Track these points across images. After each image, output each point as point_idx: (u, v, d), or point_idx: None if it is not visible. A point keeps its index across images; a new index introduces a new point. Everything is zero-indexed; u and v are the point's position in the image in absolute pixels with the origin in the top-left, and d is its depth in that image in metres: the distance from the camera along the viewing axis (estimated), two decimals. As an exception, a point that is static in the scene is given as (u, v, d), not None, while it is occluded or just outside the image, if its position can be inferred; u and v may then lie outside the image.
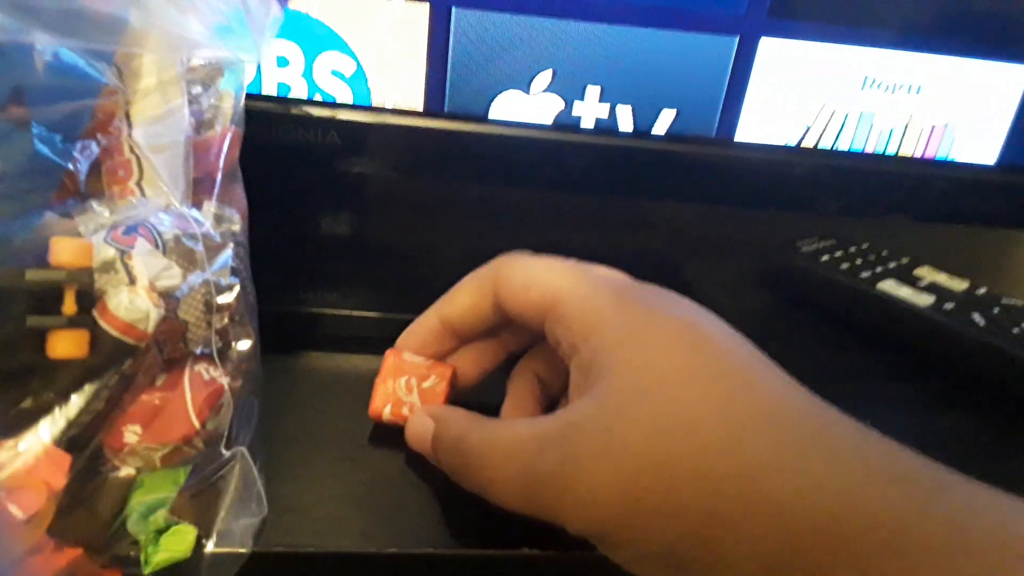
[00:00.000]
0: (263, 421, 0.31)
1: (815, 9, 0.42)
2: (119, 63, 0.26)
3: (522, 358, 0.34)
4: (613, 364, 0.26)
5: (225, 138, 0.30)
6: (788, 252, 0.49)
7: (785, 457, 0.23)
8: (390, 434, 0.33)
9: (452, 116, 0.44)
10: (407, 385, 0.33)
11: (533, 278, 0.30)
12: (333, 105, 0.43)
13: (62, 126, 0.24)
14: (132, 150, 0.27)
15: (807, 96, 0.45)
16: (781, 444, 0.23)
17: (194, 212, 0.28)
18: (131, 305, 0.24)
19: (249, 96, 0.42)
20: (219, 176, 0.30)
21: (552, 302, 0.29)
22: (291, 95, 0.43)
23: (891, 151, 0.47)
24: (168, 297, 0.26)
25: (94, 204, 0.25)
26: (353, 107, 0.44)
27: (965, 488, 0.23)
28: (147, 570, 0.26)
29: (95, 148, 0.26)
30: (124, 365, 0.25)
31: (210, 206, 0.29)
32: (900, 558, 0.21)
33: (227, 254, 0.28)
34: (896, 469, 0.23)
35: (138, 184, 0.27)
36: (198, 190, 0.29)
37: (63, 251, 0.23)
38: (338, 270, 0.44)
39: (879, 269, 0.48)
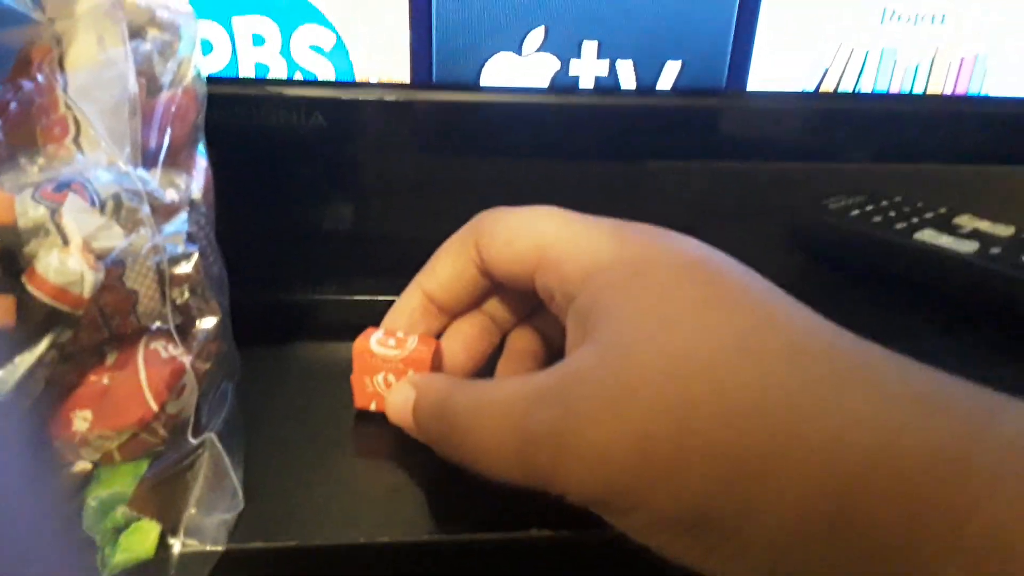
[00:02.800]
0: (243, 411, 0.28)
1: (823, -61, 0.39)
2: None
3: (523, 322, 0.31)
4: (615, 305, 0.22)
5: (177, 99, 0.28)
6: (815, 211, 0.46)
7: (819, 392, 0.20)
8: (377, 420, 0.30)
9: (442, 86, 0.41)
10: (385, 381, 0.29)
11: (516, 229, 0.27)
12: (315, 83, 0.41)
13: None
14: (67, 105, 0.24)
15: (822, 35, 0.41)
16: (813, 378, 0.20)
17: (139, 171, 0.25)
18: (62, 267, 0.21)
19: (225, 80, 0.41)
20: (167, 139, 0.27)
21: (541, 249, 0.26)
22: (270, 75, 0.41)
23: (918, 90, 0.43)
24: (112, 263, 0.23)
25: (21, 159, 0.23)
26: (336, 84, 0.41)
27: (1020, 409, 0.19)
28: (105, 573, 0.23)
29: (22, 96, 0.23)
30: (61, 337, 0.22)
31: (157, 170, 0.26)
32: (961, 491, 0.18)
33: (181, 218, 0.26)
34: (944, 397, 0.20)
35: (75, 141, 0.24)
36: (146, 155, 0.27)
37: (-22, 206, 0.20)
38: (329, 255, 0.41)
39: (915, 220, 0.44)
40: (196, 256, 0.26)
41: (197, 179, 0.28)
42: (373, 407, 0.30)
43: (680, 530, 0.20)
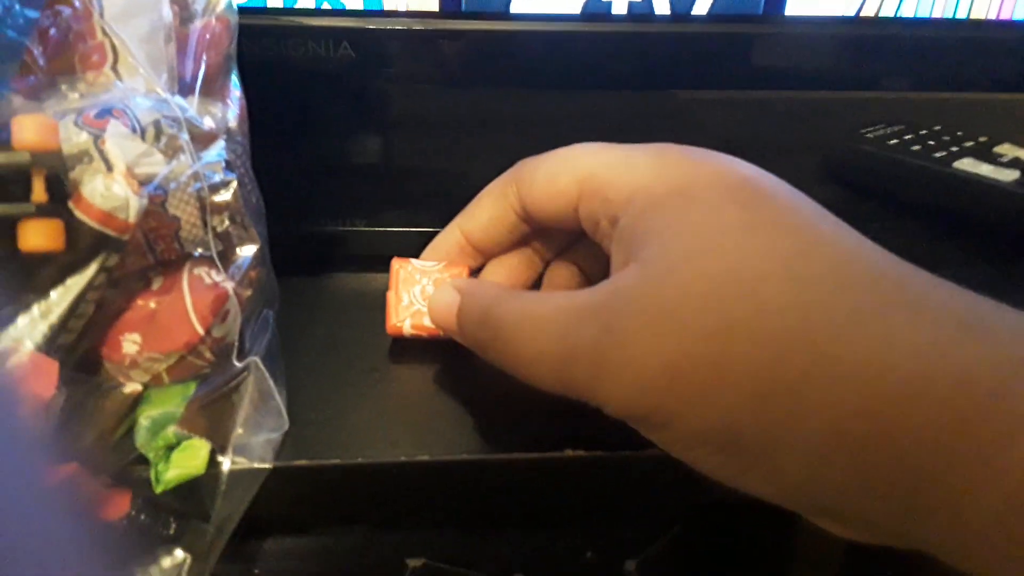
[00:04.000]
0: (284, 337, 0.29)
1: None
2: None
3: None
4: (659, 225, 0.22)
5: (210, 28, 0.28)
6: (853, 140, 0.45)
7: (861, 317, 0.19)
8: (414, 345, 0.30)
9: (471, 15, 0.41)
10: (422, 293, 0.30)
11: (558, 167, 0.27)
12: (343, 13, 0.40)
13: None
14: (104, 32, 0.24)
15: (863, -44, 0.40)
16: (856, 303, 0.20)
17: (177, 98, 0.25)
18: (108, 192, 0.22)
19: (252, 10, 0.40)
20: (202, 68, 0.27)
21: (583, 181, 0.25)
22: (298, 5, 0.40)
23: (961, 15, 0.42)
24: (154, 189, 0.23)
25: (62, 86, 0.23)
26: (364, 13, 0.41)
27: None
28: (159, 488, 0.24)
29: (60, 22, 0.23)
30: (109, 261, 0.22)
31: (194, 98, 0.26)
32: (997, 420, 0.18)
33: (219, 145, 0.26)
34: (986, 324, 0.19)
35: (113, 68, 0.24)
36: (182, 83, 0.27)
37: (26, 130, 0.21)
38: (362, 188, 0.41)
39: (954, 149, 0.43)
40: (234, 184, 0.26)
41: (232, 108, 0.28)
42: (407, 327, 0.29)
43: (714, 448, 0.20)
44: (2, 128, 0.21)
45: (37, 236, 0.21)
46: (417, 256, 0.32)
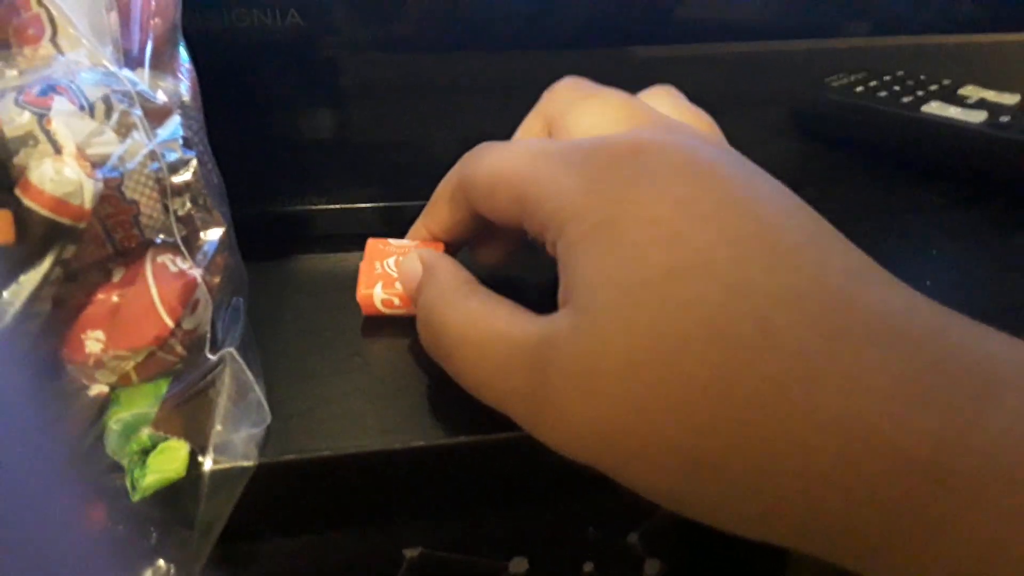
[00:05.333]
0: (255, 325, 0.27)
1: None
2: None
3: None
4: (587, 268, 0.20)
5: (155, -5, 0.25)
6: (818, 90, 0.44)
7: (787, 387, 0.18)
8: (395, 325, 0.29)
9: (424, -25, 0.39)
10: (397, 264, 0.28)
11: (496, 177, 0.24)
12: (288, -21, 0.38)
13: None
14: (40, 2, 0.22)
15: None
16: (782, 370, 0.18)
17: (126, 71, 0.23)
18: (58, 176, 0.19)
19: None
20: (149, 38, 0.25)
21: (521, 199, 0.23)
22: (240, -27, 0.38)
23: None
24: (109, 172, 0.21)
25: (-2, 63, 0.21)
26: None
27: (1018, 387, 0.17)
28: (136, 496, 0.22)
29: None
30: (64, 253, 0.20)
31: (143, 72, 0.24)
32: (939, 500, 0.17)
33: (175, 121, 0.24)
34: (931, 383, 0.17)
35: (52, 41, 0.22)
36: (128, 56, 0.24)
37: (-43, 112, 0.18)
38: (318, 164, 0.39)
39: (920, 93, 0.43)
40: (194, 162, 0.24)
41: (184, 81, 0.26)
42: (378, 289, 0.28)
43: (660, 501, 0.20)
44: (-69, 111, 0.18)
45: (-18, 230, 0.19)
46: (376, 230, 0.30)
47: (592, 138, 0.23)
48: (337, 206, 0.35)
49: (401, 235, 0.30)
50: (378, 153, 0.40)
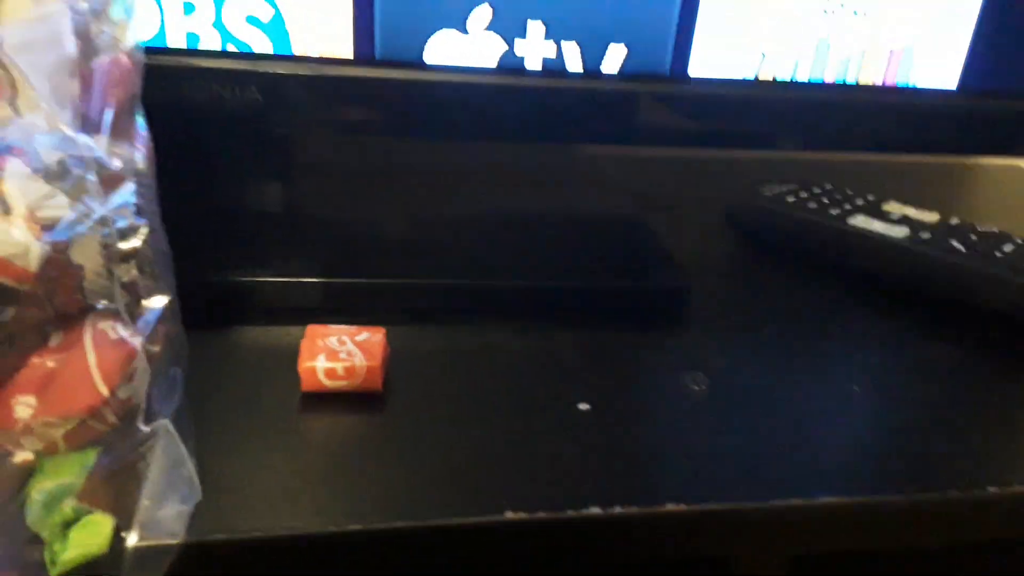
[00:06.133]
0: (192, 397, 0.27)
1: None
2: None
3: None
4: None
5: (117, 65, 0.26)
6: (751, 196, 0.47)
7: None
8: (334, 403, 0.29)
9: (384, 63, 0.40)
10: (339, 340, 0.29)
11: None
12: (251, 56, 0.39)
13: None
14: (2, 64, 0.22)
15: (761, 24, 0.42)
16: None
17: (83, 137, 0.23)
18: (5, 237, 0.19)
19: (154, 51, 0.38)
20: (109, 106, 0.25)
21: None
22: (201, 47, 0.39)
23: (851, 80, 0.44)
24: (55, 234, 0.21)
25: (-47, 120, 0.21)
26: (274, 57, 0.39)
27: None
28: (55, 572, 0.21)
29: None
30: (4, 315, 0.20)
31: (101, 139, 0.24)
32: None
33: (128, 188, 0.24)
34: None
35: (12, 104, 0.22)
36: (87, 123, 0.25)
37: (-90, 168, 0.18)
38: (272, 237, 0.39)
39: (847, 206, 0.45)
40: (145, 230, 0.24)
41: (140, 149, 0.26)
42: (321, 360, 0.29)
43: None
44: None
45: (-79, 287, 0.18)
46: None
47: None
48: (277, 279, 0.35)
49: (342, 311, 0.30)
50: (324, 229, 0.40)
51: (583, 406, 0.31)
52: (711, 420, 0.32)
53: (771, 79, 0.43)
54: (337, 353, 0.29)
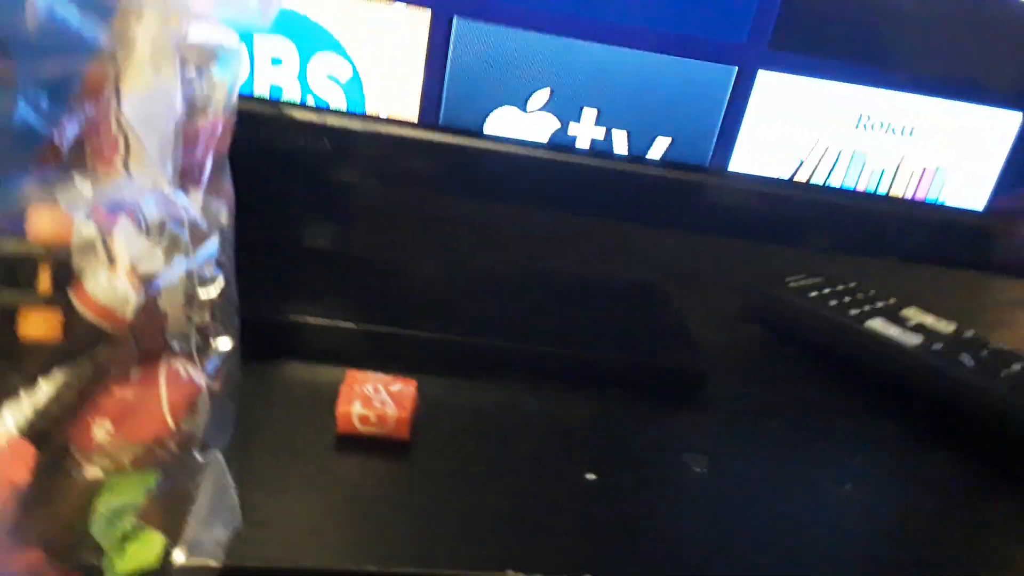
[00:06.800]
0: (238, 428, 0.29)
1: (815, 44, 0.42)
2: (114, 26, 0.25)
3: None
4: None
5: (217, 126, 0.29)
6: (776, 287, 0.49)
7: None
8: (368, 446, 0.31)
9: (446, 129, 0.43)
10: (374, 388, 0.32)
11: None
12: (326, 111, 0.42)
13: (50, 88, 0.22)
14: (120, 125, 0.25)
15: (802, 131, 0.45)
16: None
17: (181, 196, 0.26)
18: (111, 288, 0.22)
19: (240, 97, 0.42)
20: (208, 165, 0.28)
21: None
22: (283, 98, 0.42)
23: (882, 191, 0.47)
24: (148, 284, 0.24)
25: (77, 178, 0.24)
26: (346, 114, 0.42)
27: None
28: (108, 578, 0.24)
29: (83, 117, 0.24)
30: (98, 354, 0.23)
31: (197, 195, 0.27)
32: None
33: (213, 245, 0.27)
34: None
35: (124, 163, 0.25)
36: (185, 179, 0.28)
37: (42, 222, 0.21)
38: (321, 279, 0.42)
39: (867, 308, 0.47)
40: (222, 281, 0.27)
41: (225, 204, 0.30)
42: (357, 407, 0.32)
43: None
44: (17, 216, 0.21)
45: (38, 325, 0.21)
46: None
47: None
48: (326, 322, 0.38)
49: (377, 357, 0.33)
50: (368, 277, 0.43)
51: (590, 476, 0.34)
52: (707, 501, 0.34)
53: (805, 181, 0.46)
54: (372, 400, 0.32)
